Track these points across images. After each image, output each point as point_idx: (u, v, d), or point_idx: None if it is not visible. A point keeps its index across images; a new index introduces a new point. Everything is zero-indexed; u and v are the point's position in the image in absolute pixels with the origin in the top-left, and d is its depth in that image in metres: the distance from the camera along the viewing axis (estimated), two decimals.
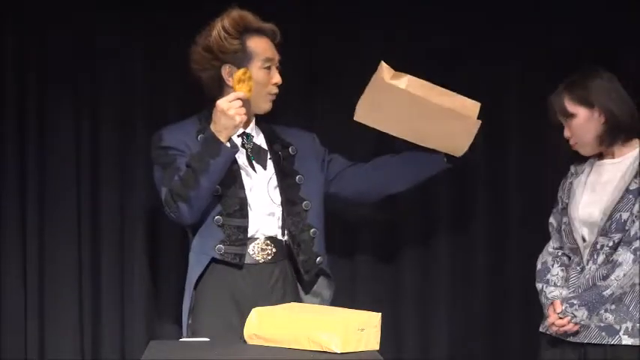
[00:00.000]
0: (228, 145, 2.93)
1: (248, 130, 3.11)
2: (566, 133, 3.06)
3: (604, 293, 2.92)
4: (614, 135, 3.01)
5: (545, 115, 3.64)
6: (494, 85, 3.69)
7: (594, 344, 2.95)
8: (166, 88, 3.60)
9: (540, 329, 3.11)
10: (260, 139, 3.14)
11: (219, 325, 3.02)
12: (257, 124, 3.16)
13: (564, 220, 3.10)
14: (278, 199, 3.09)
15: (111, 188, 3.60)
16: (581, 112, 3.01)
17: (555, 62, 3.60)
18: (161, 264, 3.63)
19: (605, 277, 2.94)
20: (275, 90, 3.09)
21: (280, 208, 3.09)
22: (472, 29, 3.65)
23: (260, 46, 3.06)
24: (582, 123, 3.01)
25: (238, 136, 3.07)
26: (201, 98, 3.15)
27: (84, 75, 3.59)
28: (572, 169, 3.17)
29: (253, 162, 3.09)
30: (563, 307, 2.95)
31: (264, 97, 3.07)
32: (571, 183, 3.13)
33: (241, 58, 3.03)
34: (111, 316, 3.60)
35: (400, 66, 3.66)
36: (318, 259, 3.13)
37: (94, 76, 3.60)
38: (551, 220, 3.19)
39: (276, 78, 3.07)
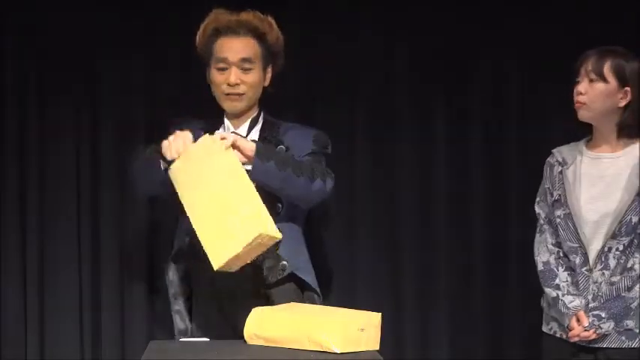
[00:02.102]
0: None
1: (239, 130, 3.07)
2: (582, 89, 2.96)
3: (632, 306, 2.92)
4: (625, 125, 2.95)
5: (545, 115, 3.66)
6: (494, 85, 3.69)
7: (614, 348, 2.94)
8: (166, 88, 3.59)
9: (544, 330, 3.10)
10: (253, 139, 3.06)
11: (200, 317, 3.08)
12: (264, 122, 3.09)
13: (557, 213, 3.04)
14: None
15: (111, 189, 3.60)
16: (612, 83, 2.93)
17: (555, 62, 3.60)
18: (161, 264, 3.63)
19: (629, 289, 2.92)
20: (228, 90, 3.00)
21: None
22: (472, 29, 3.65)
23: (219, 46, 3.02)
24: (606, 93, 2.93)
25: None
26: (202, 98, 3.16)
27: (84, 75, 3.59)
28: (558, 155, 3.08)
29: None
30: (590, 321, 2.93)
31: (220, 97, 3.04)
32: (561, 173, 3.05)
33: (208, 59, 3.05)
34: (111, 316, 3.60)
35: (400, 66, 3.68)
36: (281, 263, 2.97)
37: (94, 77, 3.60)
38: (538, 210, 3.13)
39: (230, 78, 3.00)
